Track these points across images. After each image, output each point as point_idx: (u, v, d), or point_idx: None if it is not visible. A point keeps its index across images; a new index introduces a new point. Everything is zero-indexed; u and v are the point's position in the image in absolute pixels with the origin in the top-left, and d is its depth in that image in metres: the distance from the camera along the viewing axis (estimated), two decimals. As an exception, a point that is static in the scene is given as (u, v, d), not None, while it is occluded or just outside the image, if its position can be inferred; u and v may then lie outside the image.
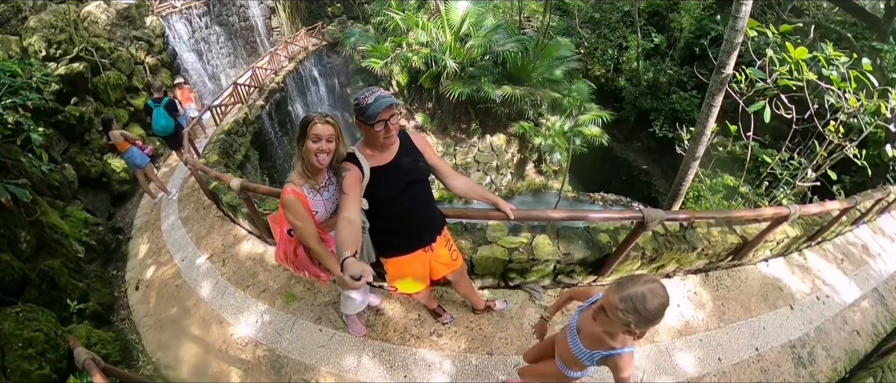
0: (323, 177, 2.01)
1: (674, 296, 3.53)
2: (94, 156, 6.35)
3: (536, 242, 3.29)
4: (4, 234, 3.30)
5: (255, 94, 10.19)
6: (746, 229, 3.82)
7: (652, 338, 3.23)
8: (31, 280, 3.33)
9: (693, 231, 3.65)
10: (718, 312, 3.59)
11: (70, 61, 6.47)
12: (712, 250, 3.63)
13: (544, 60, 9.86)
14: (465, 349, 3.03)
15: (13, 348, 2.67)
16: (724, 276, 3.90)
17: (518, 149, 11.54)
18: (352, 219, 1.70)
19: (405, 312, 3.30)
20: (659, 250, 3.37)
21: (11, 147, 3.83)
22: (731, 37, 4.04)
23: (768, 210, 3.52)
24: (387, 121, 1.79)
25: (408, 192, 2.01)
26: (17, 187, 3.31)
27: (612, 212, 2.99)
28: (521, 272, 3.35)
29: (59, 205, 4.58)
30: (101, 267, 4.67)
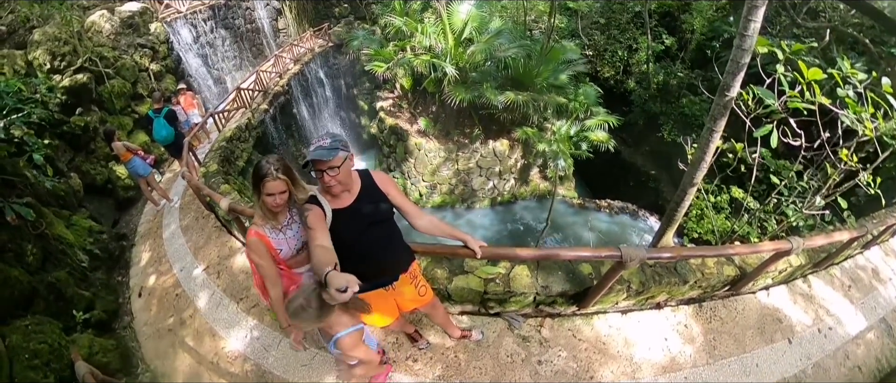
0: (285, 217, 2.15)
1: (662, 330, 3.48)
2: (99, 164, 6.69)
3: (514, 273, 3.28)
4: (11, 249, 3.61)
5: (259, 98, 10.47)
6: (746, 260, 3.68)
7: (633, 375, 3.19)
8: (39, 292, 3.63)
9: (686, 262, 3.53)
10: (709, 347, 3.44)
11: (74, 72, 6.78)
12: (707, 283, 3.53)
13: (549, 65, 9.85)
14: (438, 375, 3.10)
15: (20, 359, 2.95)
16: (720, 307, 3.75)
17: (522, 154, 11.59)
18: (325, 245, 1.77)
19: (383, 335, 3.40)
20: (646, 283, 3.31)
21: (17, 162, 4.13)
22: (738, 57, 3.74)
23: (767, 244, 3.26)
24: (324, 172, 1.85)
25: (368, 235, 2.06)
26: (21, 206, 3.61)
27: (586, 250, 2.98)
28: (500, 301, 3.35)
29: (65, 214, 4.91)
30: (106, 274, 4.99)
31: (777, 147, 3.76)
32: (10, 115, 4.03)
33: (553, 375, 3.12)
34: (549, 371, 3.14)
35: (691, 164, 4.69)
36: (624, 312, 3.56)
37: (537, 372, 3.13)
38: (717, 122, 4.24)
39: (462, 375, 3.10)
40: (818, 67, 3.31)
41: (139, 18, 9.02)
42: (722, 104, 4.12)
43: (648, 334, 3.45)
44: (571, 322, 3.46)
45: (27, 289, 3.53)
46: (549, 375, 3.12)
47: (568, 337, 3.37)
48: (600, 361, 3.23)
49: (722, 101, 4.10)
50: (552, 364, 3.18)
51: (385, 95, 12.62)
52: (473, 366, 3.15)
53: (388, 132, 11.80)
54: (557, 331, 3.40)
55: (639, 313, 3.58)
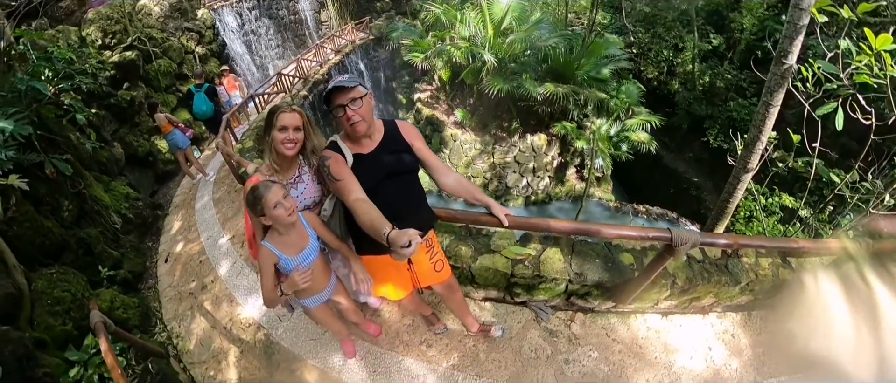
0: (293, 173, 1.95)
1: (706, 337, 3.11)
2: (142, 136, 6.99)
3: (545, 256, 2.94)
4: (49, 202, 3.71)
5: (299, 85, 10.70)
6: (803, 264, 3.17)
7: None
8: (69, 245, 3.71)
9: (738, 260, 3.10)
10: (757, 363, 3.01)
11: (124, 50, 7.11)
12: (760, 286, 3.07)
13: (590, 58, 9.37)
14: (452, 365, 2.86)
15: (43, 304, 2.97)
16: (770, 318, 3.29)
17: (559, 151, 11.11)
18: (363, 198, 1.66)
19: (400, 316, 3.22)
20: (693, 280, 2.92)
21: (62, 123, 4.30)
22: (795, 17, 3.35)
23: (833, 243, 2.84)
24: (345, 107, 1.71)
25: (386, 185, 1.87)
26: (60, 161, 3.72)
27: (631, 228, 2.53)
28: (528, 288, 3.04)
29: (105, 179, 5.07)
30: (138, 238, 5.12)
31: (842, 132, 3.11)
32: (62, 82, 4.20)
33: (580, 376, 2.80)
34: (576, 371, 2.82)
35: (745, 146, 4.21)
36: (664, 314, 3.19)
37: (563, 372, 2.82)
38: (774, 95, 3.80)
39: (479, 367, 2.85)
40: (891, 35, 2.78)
41: (187, 3, 9.49)
42: (779, 73, 3.67)
43: (691, 341, 3.06)
44: (606, 319, 3.13)
45: (58, 241, 3.60)
46: (576, 376, 2.80)
47: (601, 335, 3.03)
48: (635, 367, 2.87)
49: (779, 70, 3.65)
50: (580, 364, 2.86)
51: (423, 87, 12.54)
52: (492, 359, 2.88)
53: (425, 122, 11.70)
54: (589, 328, 3.07)
55: (681, 316, 3.20)
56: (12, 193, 3.19)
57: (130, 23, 7.29)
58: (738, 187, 4.41)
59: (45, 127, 3.86)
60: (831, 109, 2.96)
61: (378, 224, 1.51)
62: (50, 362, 2.72)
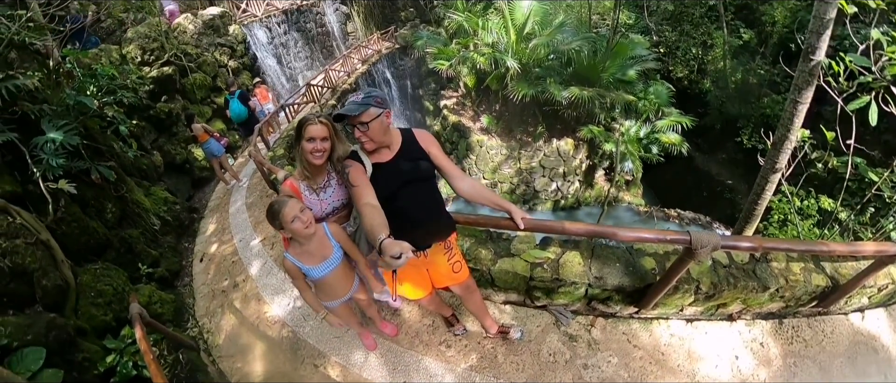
0: (322, 178, 2.09)
1: (732, 345, 2.98)
2: (179, 145, 7.42)
3: (564, 260, 2.92)
4: (94, 205, 3.98)
5: (327, 94, 11.02)
6: (839, 269, 3.01)
7: None
8: (111, 244, 3.96)
9: (766, 265, 2.96)
10: (787, 373, 2.87)
11: (161, 65, 7.61)
12: (791, 292, 2.91)
13: (616, 60, 9.14)
14: (471, 366, 2.85)
15: (86, 295, 3.18)
16: (803, 326, 3.14)
17: (586, 154, 10.86)
18: (372, 203, 1.72)
19: (420, 317, 3.24)
20: (718, 286, 2.80)
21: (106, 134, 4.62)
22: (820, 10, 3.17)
23: (870, 245, 2.69)
24: (356, 127, 1.79)
25: (403, 192, 1.94)
26: (104, 168, 3.99)
27: (649, 231, 2.46)
28: (547, 292, 3.00)
29: (145, 184, 5.41)
30: (175, 239, 5.39)
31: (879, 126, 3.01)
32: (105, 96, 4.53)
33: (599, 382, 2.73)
34: (595, 377, 2.77)
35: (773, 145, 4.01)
36: (689, 320, 3.09)
37: (581, 377, 2.77)
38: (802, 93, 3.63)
39: (497, 369, 2.84)
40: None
41: (219, 21, 10.02)
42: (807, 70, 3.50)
43: (716, 349, 2.95)
44: (627, 325, 3.05)
45: (102, 240, 3.86)
46: (595, 382, 2.74)
47: (621, 341, 2.96)
48: (657, 374, 2.79)
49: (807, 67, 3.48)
50: (600, 369, 2.81)
51: (449, 94, 12.63)
52: (510, 361, 2.87)
53: (451, 129, 11.78)
54: (610, 334, 3.00)
55: (706, 323, 3.09)
56: (62, 196, 3.44)
57: (167, 40, 7.83)
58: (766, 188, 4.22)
59: (90, 137, 4.16)
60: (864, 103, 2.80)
61: (377, 229, 1.55)
62: (89, 348, 2.89)
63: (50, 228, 3.19)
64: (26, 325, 2.59)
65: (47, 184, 3.22)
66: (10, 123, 3.14)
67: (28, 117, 3.38)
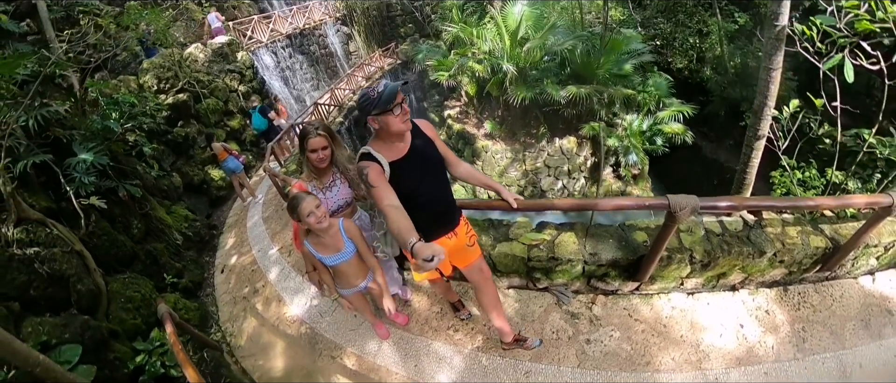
0: (328, 179, 2.36)
1: (737, 314, 2.97)
2: (196, 167, 7.85)
3: (559, 240, 3.01)
4: (122, 221, 4.27)
5: (334, 112, 11.41)
6: (839, 229, 2.99)
7: (698, 364, 2.72)
8: (138, 256, 4.23)
9: (761, 230, 2.97)
10: (796, 339, 2.82)
11: (176, 93, 8.13)
12: (789, 256, 2.89)
13: (610, 56, 9.26)
14: (477, 347, 2.96)
15: (117, 301, 3.42)
16: (810, 292, 3.08)
17: (591, 151, 10.91)
18: (396, 205, 1.72)
19: (430, 305, 3.37)
20: (712, 253, 2.83)
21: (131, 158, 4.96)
22: None
23: (860, 198, 2.71)
24: (401, 104, 1.78)
25: (426, 184, 1.99)
26: (131, 187, 4.29)
27: (627, 199, 2.60)
28: (546, 272, 3.10)
29: (167, 204, 5.75)
30: (197, 253, 5.66)
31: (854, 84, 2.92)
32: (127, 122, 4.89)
33: (602, 357, 2.79)
34: (598, 351, 2.82)
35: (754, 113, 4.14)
36: (690, 293, 3.12)
37: (584, 352, 2.82)
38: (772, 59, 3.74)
39: (499, 347, 2.93)
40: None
41: (227, 49, 10.54)
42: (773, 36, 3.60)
43: (720, 318, 2.95)
44: (628, 300, 3.11)
45: (130, 253, 4.13)
46: (598, 356, 2.79)
47: (623, 316, 3.01)
48: (659, 345, 2.81)
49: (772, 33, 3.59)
50: (602, 344, 2.86)
51: (452, 103, 12.88)
52: None
53: (456, 137, 11.98)
54: (611, 310, 3.07)
55: (708, 295, 3.11)
56: (92, 212, 3.73)
57: (180, 69, 8.36)
58: (752, 156, 4.33)
59: (115, 159, 4.47)
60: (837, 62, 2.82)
61: (405, 233, 1.56)
62: (120, 349, 3.10)
63: (82, 240, 3.45)
64: (63, 325, 2.82)
65: (79, 201, 3.50)
66: (44, 147, 3.45)
67: (60, 141, 3.70)
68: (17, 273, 2.85)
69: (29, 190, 3.31)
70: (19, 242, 2.89)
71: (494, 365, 2.83)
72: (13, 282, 2.83)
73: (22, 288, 2.86)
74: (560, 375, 2.73)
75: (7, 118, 3.06)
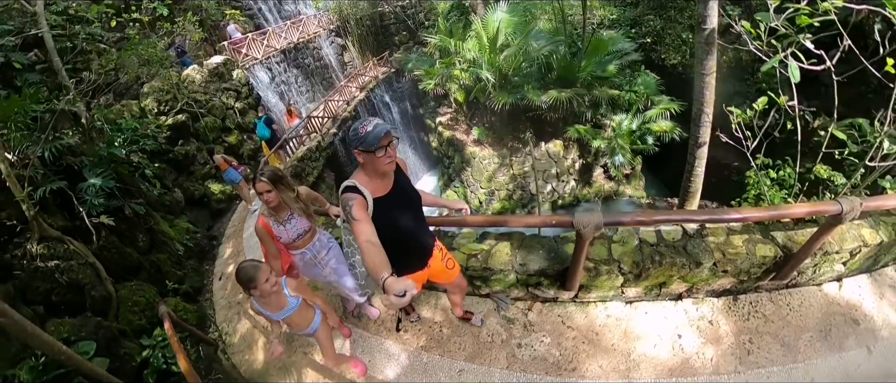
0: (285, 214, 2.76)
1: (676, 324, 3.02)
2: (197, 182, 8.65)
3: (495, 250, 3.28)
4: (128, 235, 5.01)
5: (328, 124, 12.12)
6: (793, 237, 2.90)
7: (627, 374, 2.80)
8: (144, 266, 4.96)
9: (701, 240, 2.98)
10: (740, 351, 2.78)
11: (175, 114, 8.95)
12: (732, 266, 2.88)
13: (591, 58, 9.72)
14: (422, 346, 3.34)
15: (125, 305, 4.12)
16: (764, 301, 3.05)
17: (579, 154, 11.36)
18: (373, 241, 1.77)
19: (386, 309, 3.75)
20: (642, 264, 2.90)
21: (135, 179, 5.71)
22: None
23: (799, 207, 2.58)
24: (387, 147, 1.87)
25: (405, 219, 2.14)
26: (136, 205, 5.02)
27: (534, 217, 2.87)
28: (484, 280, 3.35)
29: (170, 218, 6.51)
30: (198, 262, 6.38)
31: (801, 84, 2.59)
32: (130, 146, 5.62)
33: (530, 360, 3.01)
34: (527, 355, 3.05)
35: (693, 121, 4.31)
36: (630, 302, 3.23)
37: (514, 356, 3.07)
38: (704, 64, 3.85)
39: (442, 348, 3.29)
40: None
41: (223, 68, 11.37)
42: (702, 40, 3.72)
43: (657, 328, 3.02)
44: (563, 308, 3.32)
45: (136, 263, 4.85)
46: (527, 360, 3.03)
47: (556, 323, 3.21)
48: (588, 353, 2.96)
49: (702, 37, 3.70)
50: (532, 348, 3.10)
51: (443, 111, 13.49)
52: (454, 342, 3.32)
53: (446, 144, 12.55)
54: (545, 316, 3.29)
55: (648, 304, 3.20)
56: (103, 228, 4.45)
57: (178, 91, 9.21)
58: (695, 164, 4.51)
59: (121, 180, 5.21)
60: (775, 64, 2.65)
61: (379, 268, 1.64)
62: (129, 346, 3.78)
63: (95, 254, 4.16)
64: (79, 326, 3.50)
65: (91, 220, 4.23)
66: (58, 174, 4.18)
67: (72, 168, 4.43)
68: (41, 282, 3.58)
69: (48, 212, 4.04)
70: (42, 257, 3.61)
71: (434, 363, 3.20)
72: (38, 289, 3.55)
73: (45, 294, 3.58)
74: (490, 375, 3.00)
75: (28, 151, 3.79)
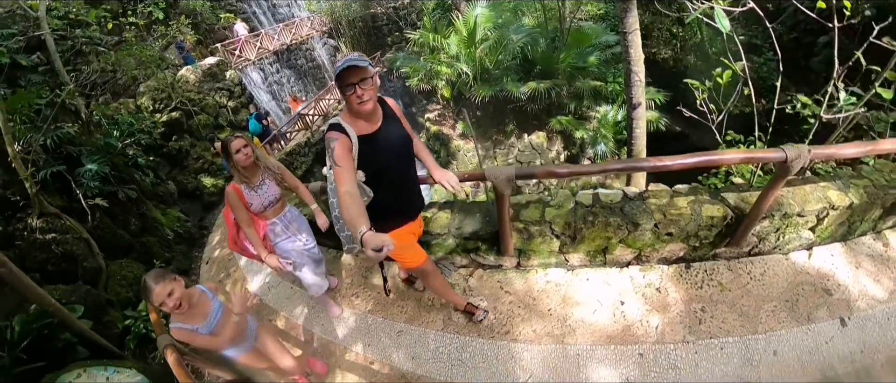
0: (257, 179, 2.77)
1: (620, 291, 2.95)
2: (190, 176, 9.40)
3: (435, 216, 3.41)
4: (122, 218, 5.65)
5: (318, 121, 12.77)
6: (745, 197, 2.78)
7: (561, 338, 2.78)
8: (134, 247, 5.59)
9: (642, 201, 2.91)
10: (690, 320, 2.63)
11: (170, 111, 9.71)
12: (676, 227, 2.77)
13: (572, 50, 10.13)
14: (368, 310, 3.58)
15: (114, 279, 4.74)
16: (721, 270, 2.90)
17: (563, 145, 11.77)
18: (352, 191, 1.71)
19: (344, 276, 4.04)
20: (574, 225, 2.90)
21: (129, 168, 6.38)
22: None
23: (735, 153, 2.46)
24: (356, 85, 1.75)
25: (393, 165, 2.02)
26: (129, 190, 5.66)
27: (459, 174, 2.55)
28: (426, 246, 3.31)
29: (162, 207, 7.19)
30: (187, 248, 7.01)
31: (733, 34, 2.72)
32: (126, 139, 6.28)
33: (465, 323, 3.11)
34: (461, 319, 3.15)
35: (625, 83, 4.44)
36: (572, 269, 3.24)
37: (450, 319, 3.20)
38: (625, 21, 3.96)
39: (386, 311, 3.51)
40: None
41: (217, 68, 12.14)
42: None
43: (599, 295, 2.98)
44: (504, 274, 3.40)
45: (127, 243, 5.49)
46: (461, 323, 3.13)
47: (494, 288, 3.29)
48: (523, 317, 3.01)
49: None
50: None
51: (431, 107, 14.05)
52: (398, 306, 3.51)
53: (433, 139, 13.07)
54: (485, 282, 3.40)
55: (592, 270, 3.18)
56: (97, 210, 5.08)
57: (173, 90, 9.98)
58: (634, 126, 4.63)
59: (116, 169, 5.86)
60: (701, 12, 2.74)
61: (357, 221, 1.57)
62: (115, 315, 4.38)
63: (89, 232, 4.79)
64: (71, 291, 4.11)
65: (87, 201, 4.86)
66: (58, 159, 4.83)
67: (71, 155, 5.09)
68: (39, 252, 4.20)
69: (48, 192, 4.69)
70: (41, 230, 4.24)
71: (376, 324, 3.42)
72: (35, 258, 4.18)
73: (42, 263, 4.21)
74: (425, 336, 3.14)
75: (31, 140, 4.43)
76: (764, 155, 2.38)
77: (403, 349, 3.13)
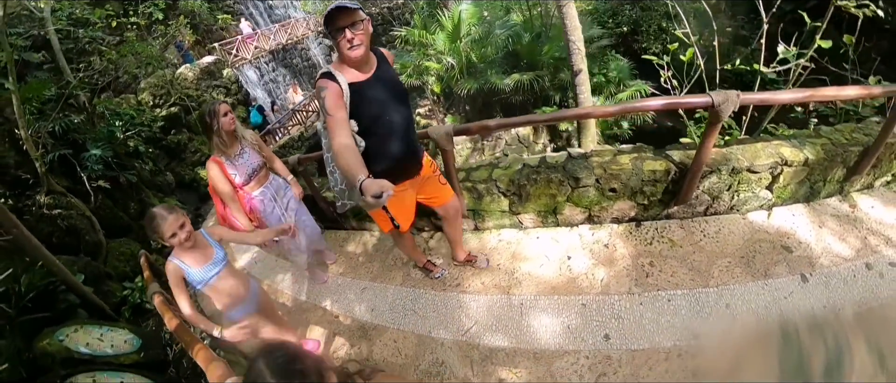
0: (236, 148, 2.80)
1: (568, 247, 3.09)
2: (188, 168, 10.03)
3: None
4: (122, 202, 6.22)
5: (313, 117, 13.34)
6: (691, 154, 2.76)
7: (507, 290, 2.94)
8: (133, 228, 6.15)
9: (584, 159, 3.02)
10: (638, 273, 2.67)
11: (169, 107, 10.38)
12: (618, 183, 2.83)
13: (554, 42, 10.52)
14: (340, 272, 3.92)
15: (114, 254, 5.29)
16: (673, 228, 2.95)
17: (549, 138, 12.15)
18: (347, 143, 1.68)
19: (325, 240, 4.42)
20: (518, 183, 3.08)
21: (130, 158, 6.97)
22: None
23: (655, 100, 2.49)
24: (346, 29, 1.71)
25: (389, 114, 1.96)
26: (129, 175, 6.23)
27: None
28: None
29: (161, 196, 7.78)
30: (183, 234, 7.61)
31: None
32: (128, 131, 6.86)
33: (421, 279, 3.37)
34: (418, 275, 3.41)
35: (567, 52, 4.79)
36: (524, 228, 3.45)
37: (408, 276, 3.47)
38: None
39: (354, 271, 3.86)
40: None
41: (214, 67, 12.83)
42: None
43: (547, 251, 3.16)
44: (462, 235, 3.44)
45: (126, 225, 6.06)
46: (418, 278, 3.39)
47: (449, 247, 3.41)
48: (474, 272, 3.22)
49: None
50: None
51: (423, 102, 14.53)
52: (365, 267, 3.85)
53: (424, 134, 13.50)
54: (443, 242, 3.66)
55: (544, 230, 3.38)
56: (100, 192, 5.65)
57: (172, 87, 10.67)
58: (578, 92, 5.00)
59: (118, 157, 6.43)
60: None
61: (355, 170, 1.55)
62: (113, 286, 4.91)
63: (91, 211, 5.34)
64: (72, 262, 4.64)
65: (90, 183, 5.42)
66: (65, 145, 5.40)
67: (77, 142, 5.66)
68: (45, 225, 4.77)
69: (55, 174, 5.26)
70: (47, 206, 4.80)
71: (345, 284, 3.74)
72: (42, 231, 4.74)
73: (47, 235, 4.77)
74: (386, 291, 3.43)
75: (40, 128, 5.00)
76: (689, 100, 2.46)
77: (365, 303, 3.45)
